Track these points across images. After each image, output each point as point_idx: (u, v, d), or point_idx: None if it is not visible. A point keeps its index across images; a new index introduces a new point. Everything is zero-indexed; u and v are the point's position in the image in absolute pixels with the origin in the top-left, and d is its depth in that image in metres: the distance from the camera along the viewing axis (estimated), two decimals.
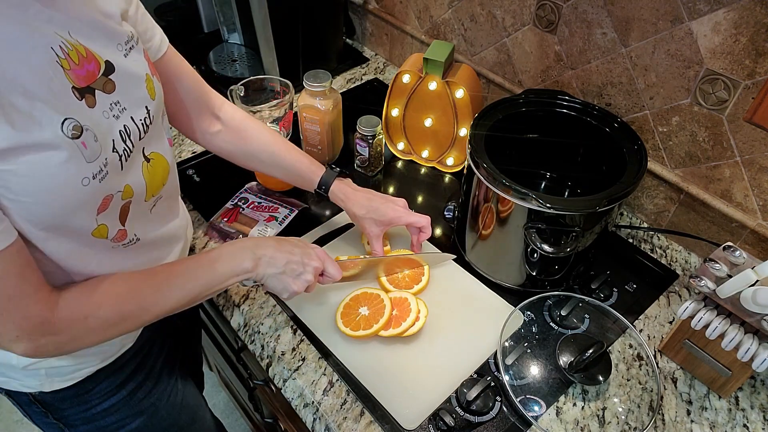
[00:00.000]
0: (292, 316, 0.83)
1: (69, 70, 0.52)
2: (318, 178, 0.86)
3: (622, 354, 0.80)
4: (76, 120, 0.52)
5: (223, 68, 1.30)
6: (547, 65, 1.03)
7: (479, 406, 0.72)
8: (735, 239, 0.89)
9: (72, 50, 0.53)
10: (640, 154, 0.79)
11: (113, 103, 0.57)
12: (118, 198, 0.59)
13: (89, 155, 0.53)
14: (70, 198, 0.53)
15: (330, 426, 0.72)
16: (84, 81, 0.54)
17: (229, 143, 0.84)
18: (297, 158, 0.86)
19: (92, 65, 0.55)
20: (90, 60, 0.55)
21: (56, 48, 0.51)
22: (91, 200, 0.56)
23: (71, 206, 0.54)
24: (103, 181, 0.56)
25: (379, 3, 1.35)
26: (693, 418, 0.74)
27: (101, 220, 0.58)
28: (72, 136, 0.51)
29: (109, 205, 0.58)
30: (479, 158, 0.77)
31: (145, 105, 0.62)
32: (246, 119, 0.86)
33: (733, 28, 0.75)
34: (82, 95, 0.54)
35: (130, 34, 0.61)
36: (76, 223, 0.56)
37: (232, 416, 1.76)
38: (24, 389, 0.71)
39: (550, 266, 0.83)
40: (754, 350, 0.66)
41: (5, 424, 1.77)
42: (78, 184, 0.53)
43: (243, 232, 0.94)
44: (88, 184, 0.54)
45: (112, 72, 0.57)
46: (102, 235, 0.60)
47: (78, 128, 0.52)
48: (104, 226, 0.59)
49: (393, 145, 1.14)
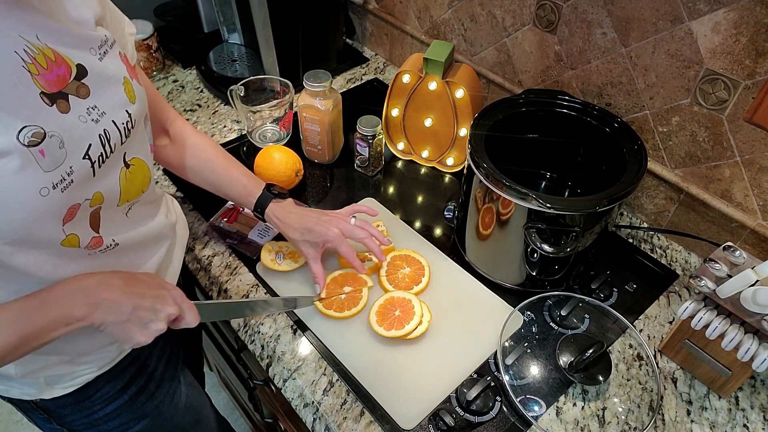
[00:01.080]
0: (296, 320, 0.83)
1: (37, 75, 0.50)
2: (254, 199, 0.83)
3: (622, 354, 0.80)
4: (40, 127, 0.50)
5: (223, 68, 1.30)
6: (547, 65, 1.03)
7: (479, 406, 0.72)
8: (735, 239, 0.89)
9: (39, 54, 0.51)
10: (640, 154, 0.79)
11: (90, 107, 0.56)
12: (86, 206, 0.57)
13: (47, 164, 0.51)
14: (28, 210, 0.50)
15: (330, 426, 0.72)
16: (55, 86, 0.52)
17: (171, 157, 0.84)
18: (236, 177, 0.83)
19: (62, 69, 0.53)
20: (60, 64, 0.53)
21: (20, 52, 0.49)
22: (54, 210, 0.53)
23: (31, 218, 0.51)
24: (67, 191, 0.53)
25: (379, 3, 1.35)
26: (693, 418, 0.74)
27: (69, 229, 0.56)
28: (29, 144, 0.49)
29: (76, 214, 0.56)
30: (479, 158, 0.77)
31: (125, 108, 0.60)
32: (193, 135, 0.84)
33: (733, 28, 0.75)
34: (53, 101, 0.52)
35: (104, 38, 0.59)
36: (41, 235, 0.53)
37: (232, 416, 1.76)
38: (25, 397, 0.71)
39: (550, 266, 0.83)
40: (754, 350, 0.66)
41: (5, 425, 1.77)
42: (35, 194, 0.50)
43: (243, 232, 0.94)
44: (47, 194, 0.51)
45: (85, 76, 0.55)
46: (73, 245, 0.57)
47: (39, 135, 0.50)
48: (74, 235, 0.57)
49: (393, 145, 1.14)
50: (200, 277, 0.91)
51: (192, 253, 0.93)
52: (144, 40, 1.26)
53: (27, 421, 0.81)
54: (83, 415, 0.75)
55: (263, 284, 0.87)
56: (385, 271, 0.87)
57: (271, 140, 1.13)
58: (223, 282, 0.88)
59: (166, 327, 0.63)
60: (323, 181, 1.08)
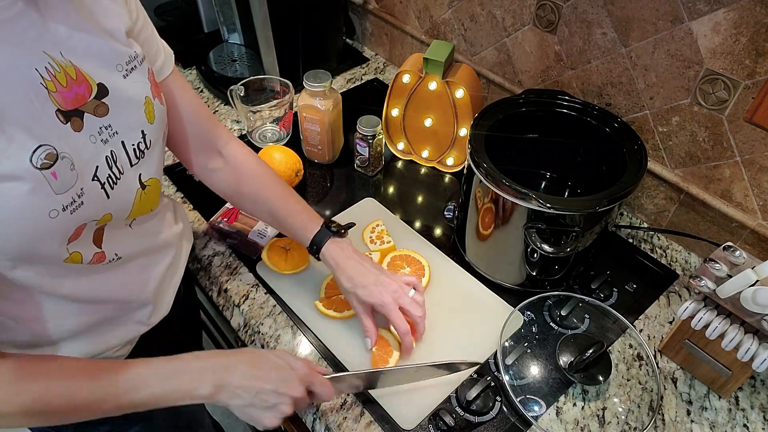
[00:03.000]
0: (296, 320, 0.83)
1: (55, 92, 0.49)
2: (312, 236, 0.77)
3: (622, 354, 0.80)
4: (53, 147, 0.49)
5: (223, 68, 1.30)
6: (547, 65, 1.03)
7: (479, 406, 0.72)
8: (735, 239, 0.89)
9: (60, 72, 0.50)
10: (640, 154, 0.79)
11: (103, 126, 0.55)
12: (92, 225, 0.56)
13: (59, 186, 0.50)
14: (35, 231, 0.50)
15: (330, 426, 0.72)
16: (71, 104, 0.51)
17: (225, 183, 0.79)
18: (293, 210, 0.79)
19: (82, 88, 0.52)
20: (80, 82, 0.52)
21: (41, 69, 0.48)
22: (62, 232, 0.52)
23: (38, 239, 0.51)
24: (76, 213, 0.52)
25: (379, 3, 1.35)
26: (693, 418, 0.74)
27: (73, 248, 0.55)
28: (42, 166, 0.48)
29: (82, 233, 0.55)
30: (479, 158, 0.77)
31: (140, 129, 0.59)
32: (249, 161, 0.79)
33: (733, 28, 0.75)
34: (68, 118, 0.51)
35: (133, 54, 0.59)
36: (44, 252, 0.53)
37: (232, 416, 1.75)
38: None
39: (550, 266, 0.83)
40: (754, 350, 0.66)
41: None
42: (44, 216, 0.49)
43: (243, 232, 0.94)
44: (56, 216, 0.50)
45: (106, 95, 0.54)
46: (76, 261, 0.56)
47: (52, 156, 0.49)
48: (77, 253, 0.56)
49: (393, 145, 1.14)
50: (200, 277, 0.91)
51: (192, 253, 0.93)
52: None
53: None
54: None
55: (263, 284, 0.87)
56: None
57: (271, 140, 1.13)
58: (223, 282, 0.88)
59: (292, 410, 0.63)
60: (323, 181, 1.08)
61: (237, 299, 0.86)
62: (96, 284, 0.62)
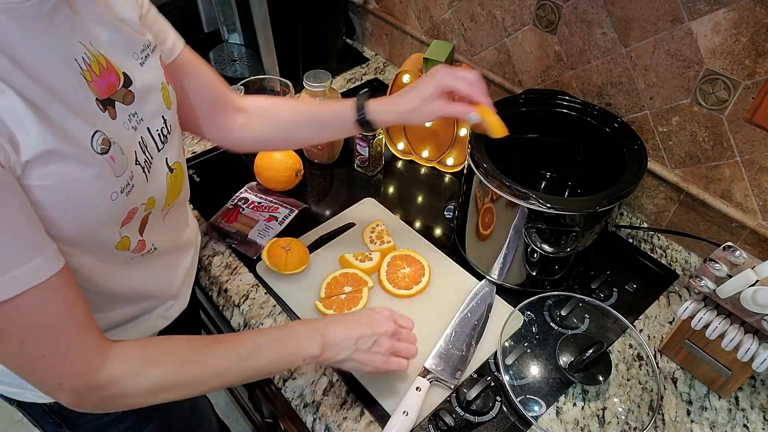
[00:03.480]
0: (296, 320, 0.83)
1: (91, 82, 0.51)
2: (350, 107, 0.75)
3: (622, 354, 0.80)
4: (104, 133, 0.51)
5: (223, 68, 1.30)
6: (547, 65, 1.03)
7: (479, 406, 0.72)
8: (735, 239, 0.89)
9: (94, 62, 0.52)
10: (640, 154, 0.79)
11: (131, 114, 0.57)
12: (141, 210, 0.59)
13: (117, 169, 0.53)
14: (99, 213, 0.53)
15: (330, 426, 0.72)
16: (105, 92, 0.53)
17: (257, 129, 0.80)
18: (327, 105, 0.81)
19: (112, 77, 0.54)
20: (110, 72, 0.54)
21: (79, 60, 0.50)
22: (119, 214, 0.55)
23: (100, 221, 0.53)
24: (130, 195, 0.55)
25: (379, 3, 1.35)
26: (693, 418, 0.74)
27: (124, 232, 0.58)
28: (101, 151, 0.51)
29: (134, 217, 0.58)
30: (479, 158, 0.77)
31: (161, 115, 0.62)
32: (268, 98, 0.83)
33: (733, 28, 0.75)
34: (105, 107, 0.53)
35: (147, 42, 0.60)
36: (101, 237, 0.55)
37: (232, 416, 1.76)
38: (40, 400, 0.70)
39: (550, 266, 0.83)
40: (754, 350, 0.66)
41: (6, 425, 1.77)
42: (107, 199, 0.52)
43: (243, 232, 0.94)
44: (116, 199, 0.53)
45: (131, 84, 0.57)
46: (125, 248, 0.59)
47: (107, 142, 0.51)
48: (127, 238, 0.59)
49: (393, 145, 1.14)
50: (200, 277, 0.91)
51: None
52: None
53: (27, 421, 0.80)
54: (94, 417, 0.75)
55: (263, 284, 0.87)
56: (386, 271, 0.87)
57: None
58: (223, 282, 0.88)
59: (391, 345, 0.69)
60: (323, 181, 1.08)
61: (237, 299, 0.86)
62: (135, 277, 0.64)
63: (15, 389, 0.70)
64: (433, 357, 0.76)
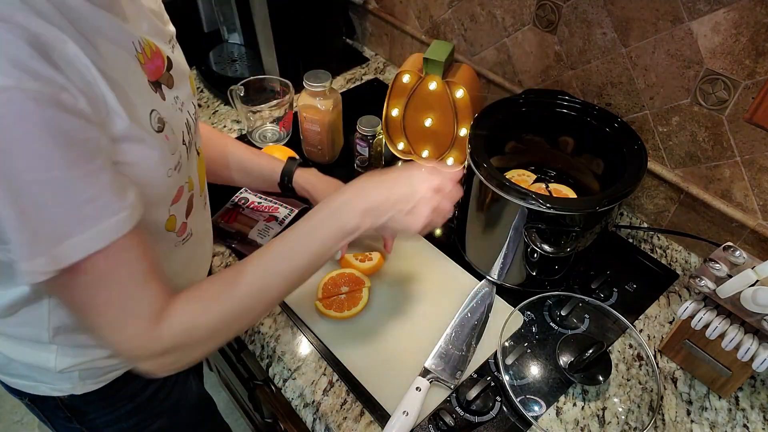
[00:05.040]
0: (296, 320, 0.83)
1: (144, 64, 0.54)
2: (280, 169, 0.84)
3: (622, 354, 0.80)
4: (159, 112, 0.53)
5: (223, 68, 1.30)
6: (547, 65, 1.03)
7: (479, 406, 0.72)
8: (735, 239, 0.89)
9: (147, 45, 0.54)
10: (640, 154, 0.79)
11: (175, 97, 0.59)
12: (186, 189, 0.61)
13: (171, 147, 0.55)
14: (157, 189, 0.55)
15: (330, 426, 0.72)
16: (154, 75, 0.55)
17: None
18: (256, 155, 0.87)
19: (159, 60, 0.57)
20: (158, 55, 0.56)
21: (135, 43, 0.53)
22: (171, 191, 0.58)
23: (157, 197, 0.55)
24: (180, 172, 0.57)
25: (379, 3, 1.35)
26: (693, 418, 0.74)
27: (173, 210, 0.60)
28: (158, 129, 0.53)
29: (181, 196, 0.60)
30: (479, 158, 0.77)
31: (191, 100, 0.64)
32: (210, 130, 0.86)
33: (733, 28, 0.75)
34: (156, 88, 0.55)
35: (172, 33, 0.64)
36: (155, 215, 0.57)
37: (232, 416, 1.76)
38: (54, 393, 0.71)
39: (550, 266, 0.83)
40: (754, 350, 0.66)
41: (6, 425, 1.77)
42: (164, 176, 0.54)
43: (243, 232, 0.94)
44: (171, 176, 0.55)
45: (171, 68, 0.59)
46: (172, 228, 0.61)
47: (161, 121, 0.54)
48: (174, 217, 0.61)
49: (393, 145, 1.14)
50: None
51: None
52: None
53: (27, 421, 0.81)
54: (106, 412, 0.76)
55: None
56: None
57: (271, 140, 1.13)
58: None
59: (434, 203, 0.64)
60: None
61: None
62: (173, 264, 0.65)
63: (30, 382, 0.70)
64: (433, 357, 0.76)
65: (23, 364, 0.67)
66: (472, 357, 0.77)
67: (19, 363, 0.67)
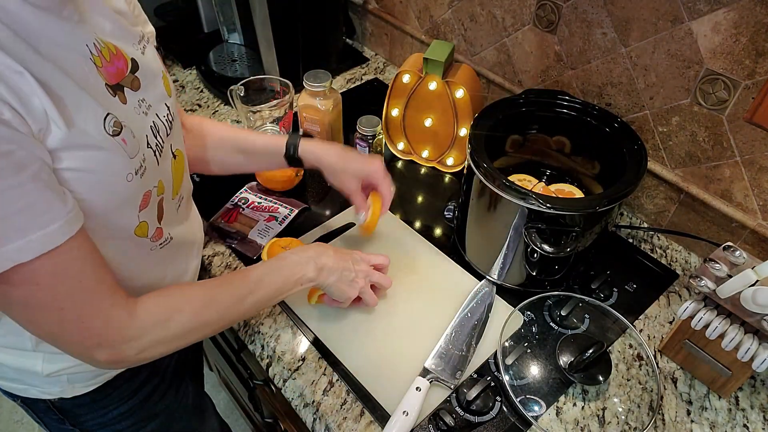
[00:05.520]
0: (296, 320, 0.83)
1: (101, 68, 0.53)
2: (284, 143, 0.84)
3: (622, 354, 0.80)
4: (116, 116, 0.53)
5: (223, 68, 1.30)
6: (547, 65, 1.03)
7: (479, 406, 0.72)
8: (735, 239, 0.89)
9: (104, 48, 0.54)
10: (640, 154, 0.79)
11: (140, 100, 0.58)
12: (154, 194, 0.60)
13: (130, 151, 0.54)
14: (116, 194, 0.54)
15: (330, 426, 0.72)
16: (114, 78, 0.55)
17: (192, 146, 0.82)
18: (258, 136, 0.87)
19: (121, 62, 0.56)
20: (119, 57, 0.56)
21: (90, 46, 0.52)
22: (135, 196, 0.57)
23: (118, 202, 0.55)
24: (144, 177, 0.57)
25: (379, 3, 1.35)
26: (693, 418, 0.74)
27: (143, 217, 0.59)
28: (113, 133, 0.52)
29: (149, 201, 0.59)
30: (479, 158, 0.77)
31: (164, 102, 0.63)
32: (204, 121, 0.86)
33: (733, 28, 0.75)
34: (115, 92, 0.54)
35: (142, 33, 0.62)
36: (121, 222, 0.57)
37: (232, 416, 1.76)
38: (44, 396, 0.71)
39: (550, 266, 0.83)
40: (754, 350, 0.66)
41: (5, 424, 1.77)
42: (123, 180, 0.54)
43: (243, 232, 0.94)
44: (131, 180, 0.55)
45: (137, 69, 0.58)
46: (144, 233, 0.61)
47: (118, 125, 0.53)
48: (145, 223, 0.60)
49: (393, 145, 1.14)
50: (200, 277, 0.91)
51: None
52: None
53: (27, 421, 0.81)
54: (98, 415, 0.76)
55: None
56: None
57: None
58: None
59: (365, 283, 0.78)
60: (323, 181, 1.07)
61: None
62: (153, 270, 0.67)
63: (19, 385, 0.70)
64: (433, 357, 0.76)
65: (11, 368, 0.67)
66: (472, 357, 0.77)
67: (7, 367, 0.67)
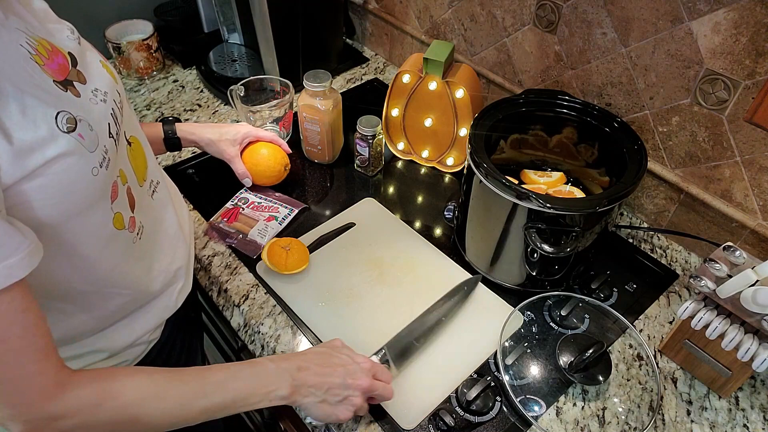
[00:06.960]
0: (296, 320, 0.83)
1: (43, 66, 0.51)
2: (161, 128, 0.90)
3: (622, 354, 0.80)
4: (69, 112, 0.51)
5: (223, 68, 1.30)
6: (547, 65, 1.03)
7: (479, 406, 0.72)
8: (735, 239, 0.89)
9: (39, 45, 0.52)
10: (640, 154, 0.79)
11: (93, 90, 0.57)
12: (120, 183, 0.59)
13: (89, 145, 0.52)
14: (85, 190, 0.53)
15: (330, 426, 0.72)
16: (60, 74, 0.53)
17: None
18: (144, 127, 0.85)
19: (60, 58, 0.54)
20: (56, 53, 0.54)
21: (24, 44, 0.50)
22: (104, 189, 0.55)
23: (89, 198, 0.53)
24: (109, 168, 0.55)
25: (379, 3, 1.35)
26: (693, 418, 0.74)
27: (116, 208, 0.58)
28: (67, 130, 0.50)
29: (118, 191, 0.58)
30: (479, 158, 0.77)
31: (114, 88, 0.61)
32: None
33: (733, 28, 0.75)
34: (65, 87, 0.53)
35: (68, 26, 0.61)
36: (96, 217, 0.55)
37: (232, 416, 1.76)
38: None
39: (550, 266, 0.83)
40: (754, 350, 0.66)
41: None
42: (89, 174, 0.52)
43: (243, 232, 0.94)
44: (97, 174, 0.53)
45: (77, 63, 0.57)
46: (121, 225, 0.59)
47: (72, 120, 0.51)
48: (120, 214, 0.59)
49: (393, 145, 1.14)
50: (200, 277, 0.91)
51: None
52: (144, 40, 1.26)
53: None
54: None
55: (263, 284, 0.87)
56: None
57: None
58: (223, 282, 0.88)
59: (362, 401, 0.66)
60: (323, 181, 1.08)
61: (237, 299, 0.86)
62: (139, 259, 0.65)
63: None
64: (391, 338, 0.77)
65: None
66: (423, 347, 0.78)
67: None
